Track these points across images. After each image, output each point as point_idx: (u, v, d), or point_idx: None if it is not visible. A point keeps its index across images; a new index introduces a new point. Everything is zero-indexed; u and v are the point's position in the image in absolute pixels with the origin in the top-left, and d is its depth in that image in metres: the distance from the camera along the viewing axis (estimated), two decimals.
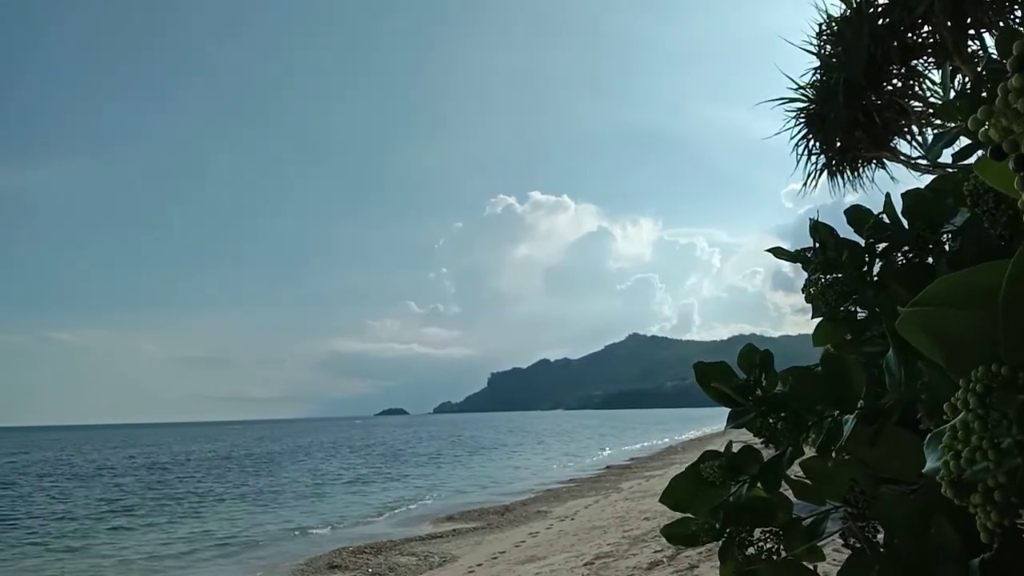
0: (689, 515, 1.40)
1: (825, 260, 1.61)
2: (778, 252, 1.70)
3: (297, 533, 19.37)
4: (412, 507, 24.07)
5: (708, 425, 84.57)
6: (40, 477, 41.90)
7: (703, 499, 1.38)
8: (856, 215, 1.69)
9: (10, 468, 51.26)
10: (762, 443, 1.41)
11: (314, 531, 19.63)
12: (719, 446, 1.45)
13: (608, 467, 35.97)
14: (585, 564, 11.11)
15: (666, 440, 59.85)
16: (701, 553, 9.67)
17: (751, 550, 1.32)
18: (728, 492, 1.37)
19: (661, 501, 1.40)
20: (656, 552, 10.89)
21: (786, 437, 1.31)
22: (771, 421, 1.34)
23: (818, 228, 1.66)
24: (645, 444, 55.80)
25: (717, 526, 1.36)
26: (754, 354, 1.45)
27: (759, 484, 1.36)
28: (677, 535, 1.40)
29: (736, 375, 1.44)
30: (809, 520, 1.37)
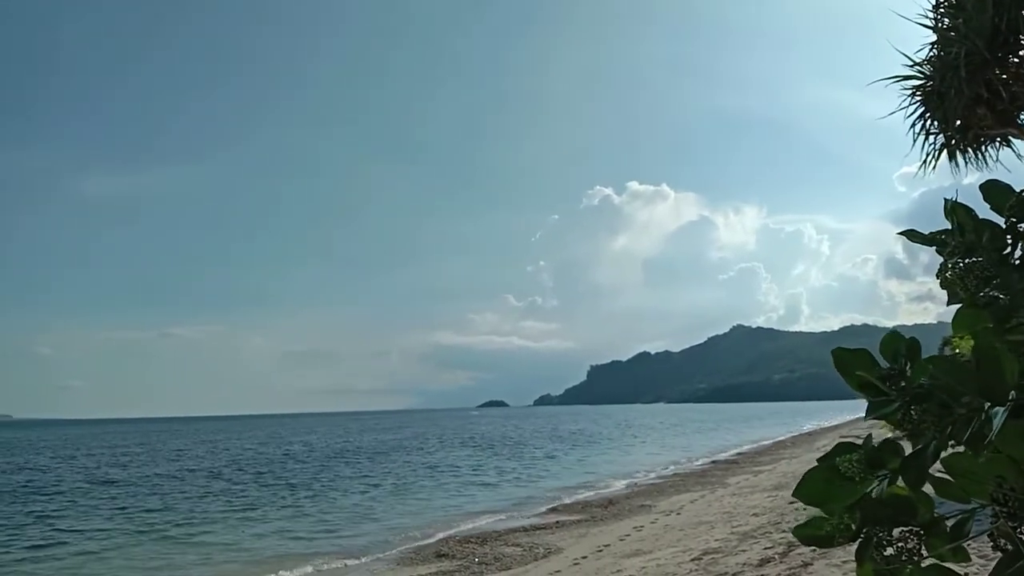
0: (820, 514, 1.32)
1: (964, 243, 1.50)
2: (912, 235, 1.59)
3: (405, 522, 19.87)
4: (516, 499, 24.30)
5: (818, 419, 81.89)
6: (171, 468, 44.43)
7: (839, 494, 1.29)
8: (995, 193, 1.56)
9: (136, 458, 54.62)
10: (900, 436, 1.32)
11: (421, 521, 20.08)
12: (831, 441, 1.38)
13: (713, 461, 35.26)
14: (693, 559, 10.91)
15: (774, 435, 58.18)
16: (815, 550, 9.36)
17: (890, 550, 1.25)
18: (866, 488, 1.29)
19: (794, 495, 1.33)
20: (767, 548, 10.60)
21: (931, 430, 1.23)
22: (914, 413, 1.26)
23: (955, 209, 1.54)
24: (752, 438, 54.44)
25: (853, 526, 1.28)
26: (899, 342, 1.36)
27: (900, 480, 1.27)
28: (810, 536, 1.32)
29: (878, 363, 1.35)
30: (953, 519, 1.28)
